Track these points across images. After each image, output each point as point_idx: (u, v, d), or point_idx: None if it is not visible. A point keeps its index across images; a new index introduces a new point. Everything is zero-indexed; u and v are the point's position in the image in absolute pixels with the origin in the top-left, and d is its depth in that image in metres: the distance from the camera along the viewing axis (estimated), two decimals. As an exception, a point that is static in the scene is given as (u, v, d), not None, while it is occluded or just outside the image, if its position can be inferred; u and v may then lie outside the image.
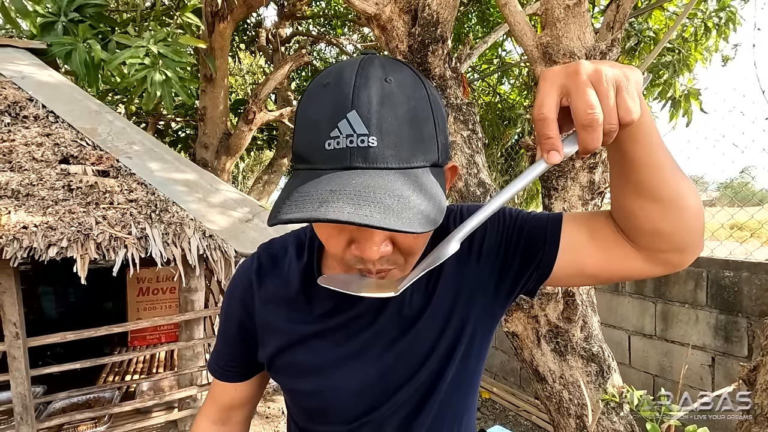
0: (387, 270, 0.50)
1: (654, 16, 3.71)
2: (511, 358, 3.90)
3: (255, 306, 0.63)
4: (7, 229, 1.44)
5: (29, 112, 2.17)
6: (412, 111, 0.45)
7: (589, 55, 1.32)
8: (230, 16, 4.20)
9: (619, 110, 0.39)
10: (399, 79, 0.45)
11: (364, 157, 0.42)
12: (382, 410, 0.60)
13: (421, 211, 0.41)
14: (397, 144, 0.43)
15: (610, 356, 1.27)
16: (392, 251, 0.48)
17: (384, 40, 1.58)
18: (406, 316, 0.59)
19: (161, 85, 2.96)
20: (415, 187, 0.43)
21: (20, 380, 1.65)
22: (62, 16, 3.47)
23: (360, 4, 1.48)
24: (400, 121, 0.44)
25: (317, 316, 0.60)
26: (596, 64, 0.40)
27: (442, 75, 1.51)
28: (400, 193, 0.41)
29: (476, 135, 1.58)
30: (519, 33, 1.41)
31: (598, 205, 1.39)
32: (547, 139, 0.40)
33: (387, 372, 0.59)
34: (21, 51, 2.79)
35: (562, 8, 1.29)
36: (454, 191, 1.58)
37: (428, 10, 1.42)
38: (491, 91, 5.78)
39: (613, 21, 1.55)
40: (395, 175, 0.43)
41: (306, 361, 0.60)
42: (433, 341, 0.59)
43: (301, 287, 0.61)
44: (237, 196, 2.09)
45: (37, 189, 1.68)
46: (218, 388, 0.70)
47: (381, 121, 0.43)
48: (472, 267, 0.60)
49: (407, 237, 0.48)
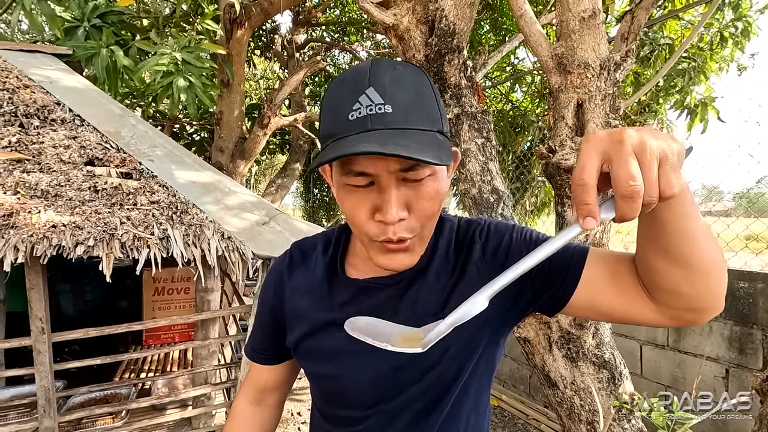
0: (406, 239, 0.54)
1: (668, 25, 3.70)
2: (521, 365, 3.88)
3: (285, 295, 0.69)
4: (37, 228, 1.50)
5: (57, 116, 2.25)
6: (418, 90, 0.52)
7: (604, 65, 1.34)
8: (248, 23, 4.29)
9: (661, 183, 0.39)
10: (405, 68, 0.54)
11: (381, 121, 0.50)
12: (395, 402, 0.63)
13: (433, 151, 0.48)
14: (408, 112, 0.50)
15: (622, 363, 1.28)
16: (408, 216, 0.53)
17: (401, 49, 1.62)
18: (419, 318, 0.61)
19: (185, 91, 3.05)
20: (425, 138, 0.50)
21: (44, 374, 1.71)
22: (85, 21, 3.59)
23: (378, 14, 1.53)
24: (409, 96, 0.51)
25: (338, 305, 0.65)
26: (641, 132, 0.40)
27: (458, 84, 1.55)
28: (415, 139, 0.49)
29: (490, 143, 1.61)
30: (534, 43, 1.44)
31: (611, 213, 1.40)
32: (585, 204, 0.40)
33: (399, 369, 0.62)
34: (48, 56, 2.90)
35: (577, 20, 1.32)
36: (467, 198, 1.61)
37: (445, 21, 1.45)
38: (503, 99, 5.79)
39: (628, 32, 1.57)
40: (409, 132, 0.50)
41: (326, 346, 0.65)
42: (445, 348, 0.61)
43: (325, 278, 0.66)
44: (253, 199, 2.14)
45: (65, 190, 1.75)
46: (253, 370, 0.77)
47: (393, 95, 0.50)
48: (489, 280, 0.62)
49: (421, 201, 0.53)
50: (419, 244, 0.57)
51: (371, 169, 0.51)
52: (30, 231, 1.48)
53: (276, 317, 0.71)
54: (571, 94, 1.38)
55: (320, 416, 0.71)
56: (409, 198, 0.53)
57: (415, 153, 0.47)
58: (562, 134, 1.40)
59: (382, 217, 0.53)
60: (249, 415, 0.78)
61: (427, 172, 0.53)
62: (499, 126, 4.69)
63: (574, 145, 1.36)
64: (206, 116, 5.70)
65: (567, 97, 1.39)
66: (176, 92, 3.08)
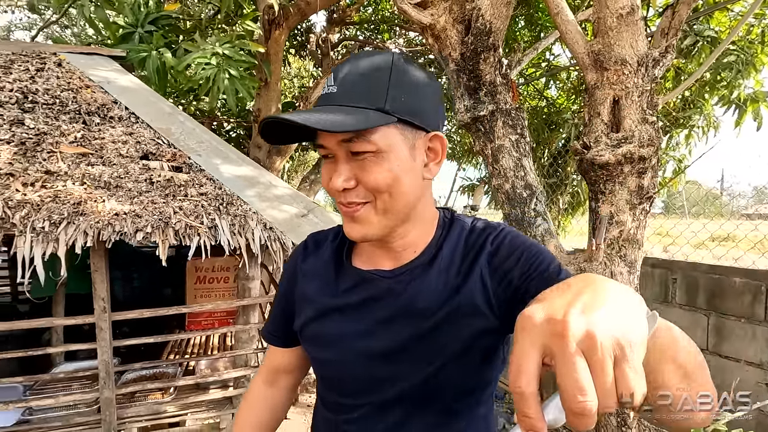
0: (357, 204, 0.60)
1: (715, 17, 3.55)
2: (551, 365, 3.85)
3: (297, 280, 0.74)
4: (102, 216, 1.65)
5: (114, 114, 2.43)
6: (371, 73, 0.58)
7: (642, 62, 1.34)
8: (285, 23, 4.43)
9: (619, 388, 0.31)
10: (375, 55, 0.60)
11: (326, 100, 0.58)
12: (386, 394, 0.65)
13: (343, 122, 0.53)
14: (349, 92, 0.57)
15: (655, 358, 1.29)
16: (355, 186, 0.59)
17: (437, 48, 1.67)
18: (418, 314, 0.62)
19: (226, 85, 3.21)
20: (351, 113, 0.55)
21: (105, 349, 1.87)
22: (139, 27, 3.82)
23: (416, 15, 1.58)
24: (356, 78, 0.57)
25: (342, 291, 0.68)
26: (588, 319, 0.32)
27: (493, 81, 1.58)
28: (339, 113, 0.55)
29: (524, 139, 1.63)
30: (570, 41, 1.45)
31: (647, 209, 1.40)
32: (525, 417, 0.33)
33: (393, 359, 0.64)
34: (105, 58, 3.11)
35: (615, 17, 1.33)
36: (500, 193, 1.64)
37: (482, 20, 1.49)
38: (538, 96, 5.70)
39: (668, 27, 1.55)
40: (343, 107, 0.56)
41: (328, 332, 0.68)
42: (442, 346, 0.62)
43: (331, 265, 0.71)
44: (292, 193, 2.25)
45: (124, 181, 1.91)
46: (269, 352, 0.82)
47: (344, 78, 0.58)
48: (490, 290, 0.62)
49: (365, 174, 0.58)
50: (377, 217, 0.60)
51: (324, 141, 0.58)
52: (96, 218, 1.63)
53: (288, 302, 0.75)
54: (607, 90, 1.39)
55: (321, 402, 0.74)
56: (354, 170, 0.58)
57: (315, 122, 0.53)
58: (597, 130, 1.41)
59: (331, 185, 0.59)
60: (262, 395, 0.81)
61: (368, 147, 0.57)
62: (534, 123, 4.64)
63: (609, 142, 1.37)
64: (243, 114, 5.92)
65: (603, 94, 1.40)
66: (216, 84, 3.25)
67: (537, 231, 1.52)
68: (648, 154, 1.33)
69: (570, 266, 1.39)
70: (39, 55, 2.82)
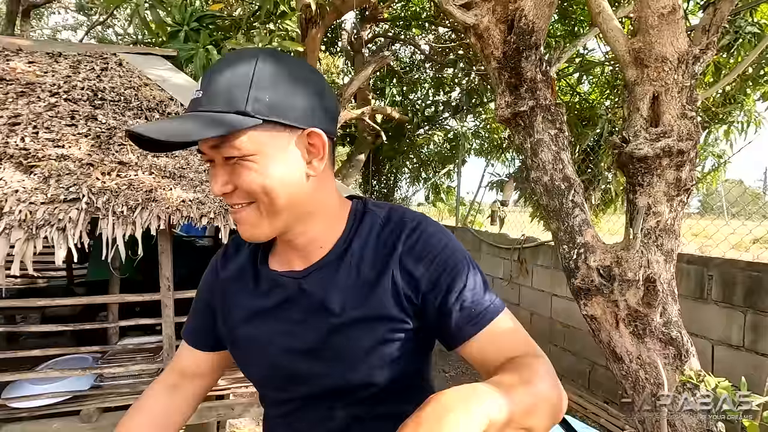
0: (239, 204, 0.60)
1: (760, 9, 3.47)
2: (580, 360, 3.87)
3: (218, 286, 0.73)
4: (171, 202, 1.83)
5: (171, 110, 2.63)
6: (232, 75, 0.56)
7: (682, 59, 1.39)
8: (321, 22, 4.58)
9: None
10: (238, 54, 0.59)
11: (192, 105, 0.57)
12: (313, 388, 0.66)
13: (189, 131, 0.53)
14: (210, 97, 0.55)
15: (689, 342, 1.35)
16: (233, 190, 0.58)
17: (479, 46, 1.76)
18: (330, 312, 0.63)
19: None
20: (204, 118, 0.54)
21: (169, 324, 2.07)
22: (185, 25, 4.05)
23: (461, 15, 1.67)
24: (217, 82, 0.56)
25: (260, 295, 0.68)
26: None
27: (533, 78, 1.66)
28: (192, 119, 0.54)
29: (563, 133, 1.70)
30: (611, 39, 1.51)
31: (684, 201, 1.46)
32: None
33: (314, 356, 0.65)
34: (158, 58, 3.34)
35: (656, 16, 1.38)
36: (539, 185, 1.72)
37: (524, 20, 1.57)
38: (570, 91, 5.66)
39: (710, 24, 1.58)
40: (198, 114, 0.55)
41: (252, 335, 0.68)
42: (356, 342, 0.63)
43: (249, 269, 0.70)
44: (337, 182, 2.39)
45: (186, 171, 2.09)
46: (180, 353, 0.78)
47: (208, 83, 0.56)
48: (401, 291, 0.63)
49: (238, 178, 0.57)
50: (261, 218, 0.60)
51: (201, 147, 0.59)
52: (166, 204, 1.81)
53: (209, 306, 0.75)
54: (647, 86, 1.45)
55: (261, 397, 0.76)
56: (229, 175, 0.58)
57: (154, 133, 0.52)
58: (637, 125, 1.47)
59: (212, 190, 0.60)
60: (158, 398, 0.76)
61: (234, 152, 0.56)
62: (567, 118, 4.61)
63: (648, 136, 1.43)
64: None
65: (643, 90, 1.46)
66: None
67: (575, 221, 1.59)
68: (687, 147, 1.38)
69: (608, 254, 1.47)
70: (102, 56, 3.06)
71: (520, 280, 4.50)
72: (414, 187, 8.71)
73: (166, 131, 0.53)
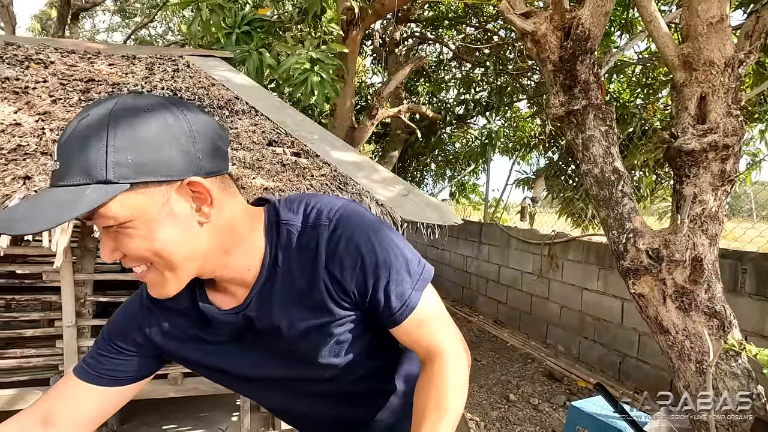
0: (140, 271, 0.59)
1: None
2: (611, 352, 4.00)
3: (152, 322, 0.71)
4: (255, 189, 2.07)
5: (238, 108, 2.88)
6: (83, 140, 0.51)
7: (728, 63, 1.55)
8: (362, 24, 4.80)
9: None
10: (88, 112, 0.53)
11: (52, 178, 0.53)
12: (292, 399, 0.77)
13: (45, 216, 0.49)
14: (66, 168, 0.51)
15: (732, 315, 1.52)
16: (123, 257, 0.56)
17: (535, 51, 1.94)
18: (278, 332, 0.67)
19: (317, 85, 3.63)
20: (63, 196, 0.50)
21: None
22: (237, 29, 4.33)
23: (520, 23, 1.86)
24: (74, 147, 0.51)
25: (210, 331, 0.70)
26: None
27: (587, 80, 1.84)
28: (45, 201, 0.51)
29: (612, 130, 1.87)
30: (662, 45, 1.68)
31: (728, 191, 1.61)
32: None
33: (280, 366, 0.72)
34: (218, 59, 3.60)
35: (705, 25, 1.54)
36: (589, 177, 1.89)
37: (581, 28, 1.75)
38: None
39: (752, 30, 1.73)
40: (54, 190, 0.51)
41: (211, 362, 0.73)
42: (316, 347, 0.69)
43: (191, 306, 0.68)
44: (392, 176, 2.60)
45: (262, 163, 2.33)
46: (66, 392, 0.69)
47: (63, 150, 0.52)
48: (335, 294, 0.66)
49: (124, 245, 0.55)
50: (165, 276, 0.58)
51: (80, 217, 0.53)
52: (253, 191, 2.05)
53: (141, 338, 0.71)
54: (695, 88, 1.61)
55: None
56: (114, 242, 0.56)
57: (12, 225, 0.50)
58: (684, 122, 1.63)
59: (102, 257, 0.58)
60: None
61: (108, 222, 0.53)
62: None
63: (696, 132, 1.59)
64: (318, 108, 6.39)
65: (691, 91, 1.63)
66: (310, 86, 3.68)
67: (624, 209, 1.76)
68: (732, 142, 1.54)
69: (656, 238, 1.63)
70: (170, 58, 3.34)
71: (550, 275, 4.64)
72: (440, 184, 8.89)
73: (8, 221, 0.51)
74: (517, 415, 3.23)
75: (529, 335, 4.91)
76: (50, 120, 2.30)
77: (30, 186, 1.80)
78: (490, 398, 3.48)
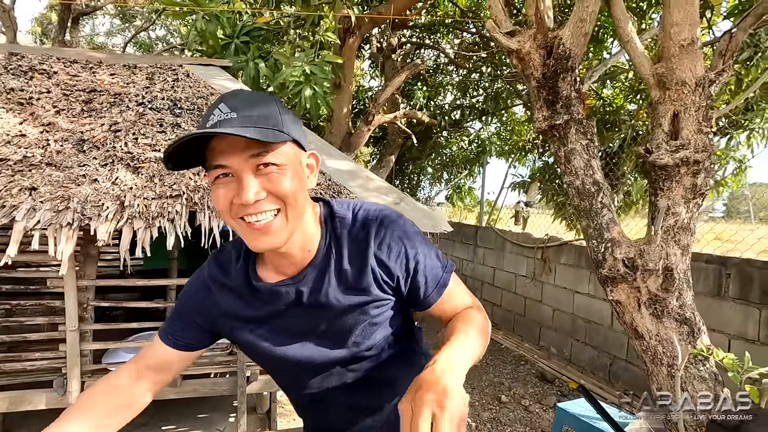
0: (265, 213, 0.66)
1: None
2: (601, 354, 4.08)
3: (210, 300, 0.81)
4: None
5: (236, 117, 2.96)
6: (261, 105, 0.66)
7: (699, 83, 1.64)
8: (358, 32, 4.89)
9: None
10: (253, 93, 0.70)
11: (230, 123, 0.63)
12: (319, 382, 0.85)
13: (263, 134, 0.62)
14: (249, 116, 0.64)
15: (701, 321, 1.60)
16: (267, 197, 0.66)
17: (520, 67, 2.03)
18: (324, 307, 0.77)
19: (310, 99, 3.73)
20: (257, 129, 0.63)
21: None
22: (235, 38, 4.41)
23: (506, 42, 1.95)
24: (253, 108, 0.65)
25: (259, 306, 0.79)
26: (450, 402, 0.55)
27: (568, 96, 1.92)
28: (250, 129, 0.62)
29: (593, 143, 1.96)
30: (638, 64, 1.77)
31: (699, 204, 1.70)
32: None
33: (318, 344, 0.81)
34: (217, 69, 3.69)
35: (677, 47, 1.63)
36: (571, 188, 1.98)
37: (562, 47, 1.84)
38: (593, 96, 5.83)
39: (726, 50, 1.82)
40: (249, 128, 0.63)
41: (260, 341, 0.81)
42: (351, 328, 0.79)
43: (244, 283, 0.79)
44: (387, 185, 2.68)
45: (259, 173, 2.41)
46: (151, 347, 0.83)
47: (239, 107, 0.64)
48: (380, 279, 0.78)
49: (273, 185, 0.66)
50: (282, 226, 0.68)
51: (227, 161, 0.64)
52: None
53: (196, 311, 0.82)
54: (669, 106, 1.70)
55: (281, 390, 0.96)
56: (263, 183, 0.65)
57: (242, 132, 0.60)
58: (659, 138, 1.72)
59: (239, 200, 0.64)
60: (121, 381, 0.80)
61: (275, 160, 0.65)
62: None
63: (669, 148, 1.68)
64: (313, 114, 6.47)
65: (664, 108, 1.72)
66: (303, 100, 3.77)
67: (602, 220, 1.85)
68: (702, 158, 1.63)
69: (632, 248, 1.72)
70: (170, 68, 3.43)
71: (543, 278, 4.73)
72: (436, 187, 8.97)
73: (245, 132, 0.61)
74: (508, 416, 3.32)
75: (523, 337, 4.99)
76: (54, 131, 2.38)
77: (36, 197, 1.89)
78: (482, 399, 3.57)
